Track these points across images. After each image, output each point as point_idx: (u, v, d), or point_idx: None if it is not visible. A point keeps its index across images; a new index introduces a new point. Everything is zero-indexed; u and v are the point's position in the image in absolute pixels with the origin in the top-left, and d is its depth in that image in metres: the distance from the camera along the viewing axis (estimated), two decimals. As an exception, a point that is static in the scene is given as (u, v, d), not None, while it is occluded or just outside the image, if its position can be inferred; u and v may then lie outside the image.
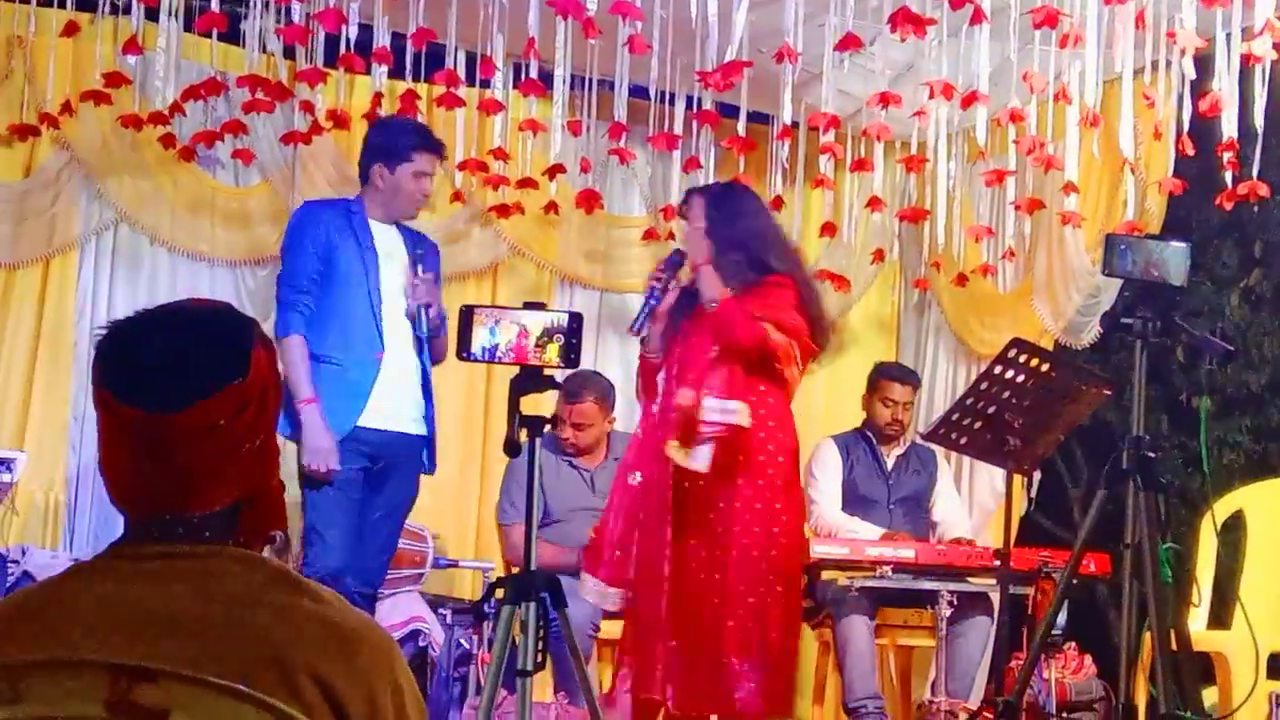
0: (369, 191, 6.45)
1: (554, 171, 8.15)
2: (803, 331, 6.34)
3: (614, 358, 9.04)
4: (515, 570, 7.38)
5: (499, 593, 4.39)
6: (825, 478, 7.94)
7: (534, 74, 7.25)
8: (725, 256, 6.35)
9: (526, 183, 8.20)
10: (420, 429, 6.41)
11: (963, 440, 6.45)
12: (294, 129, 7.84)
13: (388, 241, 6.41)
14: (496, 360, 4.37)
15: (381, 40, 7.30)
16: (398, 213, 6.45)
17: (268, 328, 8.14)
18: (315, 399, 6.13)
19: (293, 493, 7.12)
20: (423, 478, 6.51)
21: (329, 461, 6.13)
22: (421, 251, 6.44)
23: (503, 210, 8.37)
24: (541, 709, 6.69)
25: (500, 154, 8.05)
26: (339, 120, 7.83)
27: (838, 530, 7.67)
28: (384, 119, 7.19)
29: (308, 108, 7.75)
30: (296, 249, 6.31)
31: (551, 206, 8.40)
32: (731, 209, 6.43)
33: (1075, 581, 5.37)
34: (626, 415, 8.21)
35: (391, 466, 6.34)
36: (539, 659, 4.25)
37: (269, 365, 2.20)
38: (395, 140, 6.44)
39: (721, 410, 6.19)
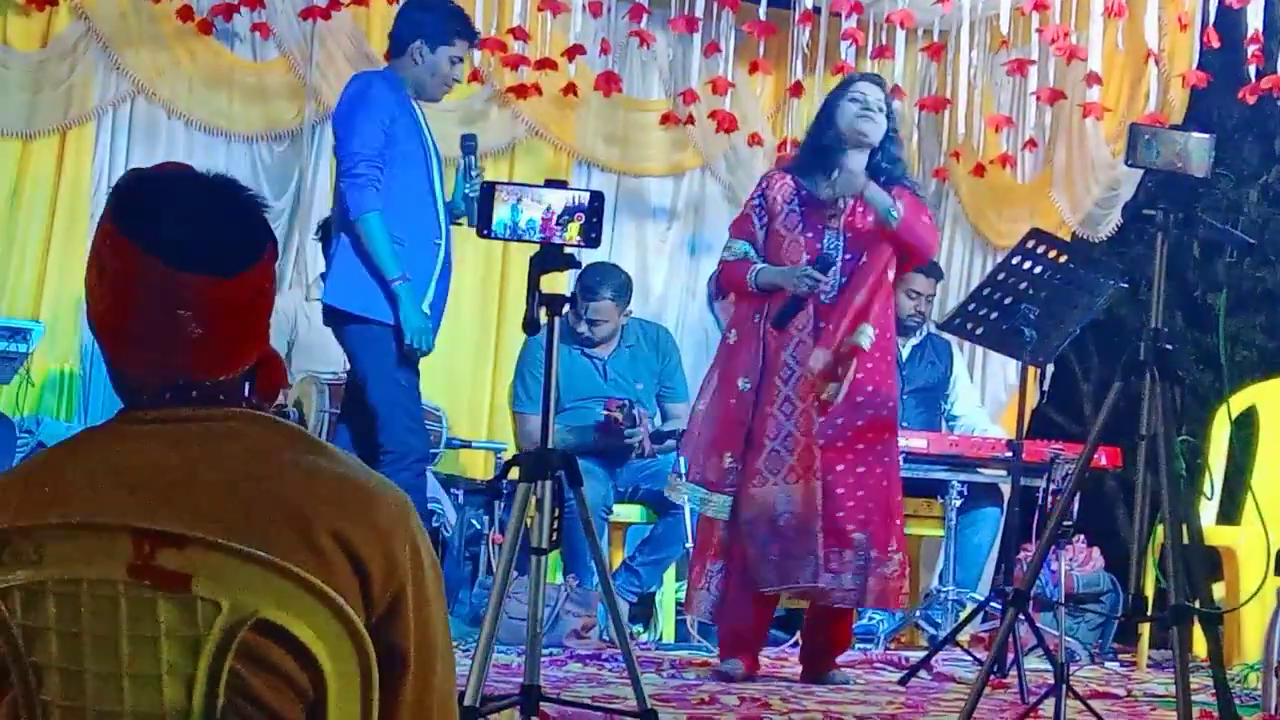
0: (403, 66, 6.21)
1: (573, 53, 8.11)
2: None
3: (629, 241, 9.03)
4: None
5: (514, 471, 4.39)
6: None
7: (555, -48, 7.20)
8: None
9: (545, 63, 8.15)
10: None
11: (979, 331, 6.44)
12: (313, 4, 7.78)
13: (427, 122, 6.26)
14: (517, 238, 4.35)
15: (403, -85, 7.23)
16: (426, 94, 6.26)
17: (284, 202, 8.16)
18: (407, 276, 5.96)
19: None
20: (437, 358, 6.46)
21: (429, 339, 6.02)
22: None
23: (521, 91, 8.32)
24: (551, 590, 6.73)
25: (520, 34, 8.00)
26: (358, -4, 7.78)
27: None
28: None
29: (327, -18, 7.70)
30: (365, 122, 6.03)
31: (570, 88, 8.36)
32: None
33: (1086, 474, 5.37)
34: (640, 302, 8.22)
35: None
36: (553, 537, 4.26)
37: None
38: (439, 20, 6.21)
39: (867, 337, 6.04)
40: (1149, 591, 5.59)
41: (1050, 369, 8.42)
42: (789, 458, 5.95)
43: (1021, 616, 5.24)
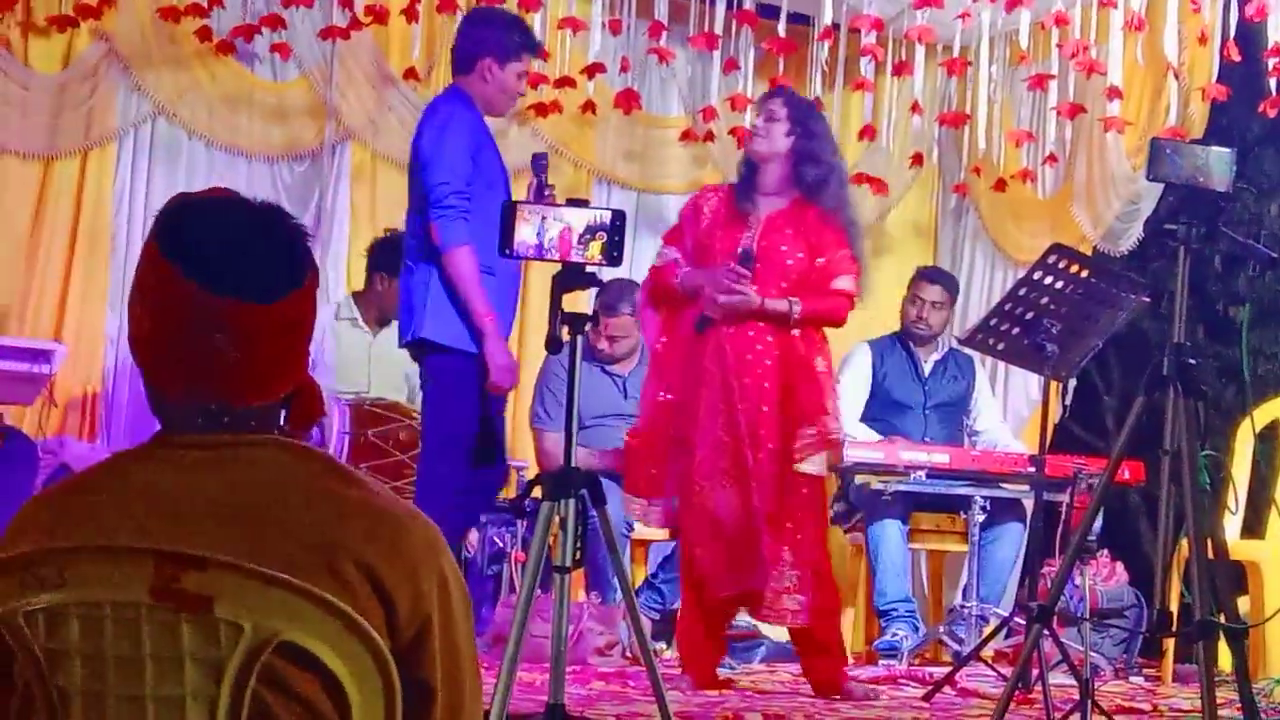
0: (470, 84, 6.07)
1: (593, 70, 8.11)
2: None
3: (649, 258, 8.99)
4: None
5: (537, 490, 4.39)
6: (846, 384, 7.91)
7: (574, -30, 7.21)
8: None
9: (565, 81, 8.16)
10: None
11: (1000, 345, 6.44)
12: (333, 24, 7.80)
13: None
14: (539, 257, 4.35)
15: (422, -66, 7.25)
16: (494, 110, 6.18)
17: (304, 222, 8.16)
18: (495, 313, 5.86)
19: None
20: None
21: (514, 377, 5.98)
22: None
23: (541, 109, 8.32)
24: (574, 608, 6.72)
25: (540, 52, 8.00)
26: (378, 15, 7.79)
27: None
28: (487, 11, 6.89)
29: (347, 3, 7.71)
30: (454, 151, 5.91)
31: (590, 106, 8.36)
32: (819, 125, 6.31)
33: (1110, 489, 5.36)
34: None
35: None
36: (577, 556, 4.25)
37: None
38: (506, 36, 6.11)
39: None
40: (1174, 606, 5.58)
41: (1072, 383, 8.41)
42: (722, 462, 6.00)
43: (1046, 632, 5.23)
